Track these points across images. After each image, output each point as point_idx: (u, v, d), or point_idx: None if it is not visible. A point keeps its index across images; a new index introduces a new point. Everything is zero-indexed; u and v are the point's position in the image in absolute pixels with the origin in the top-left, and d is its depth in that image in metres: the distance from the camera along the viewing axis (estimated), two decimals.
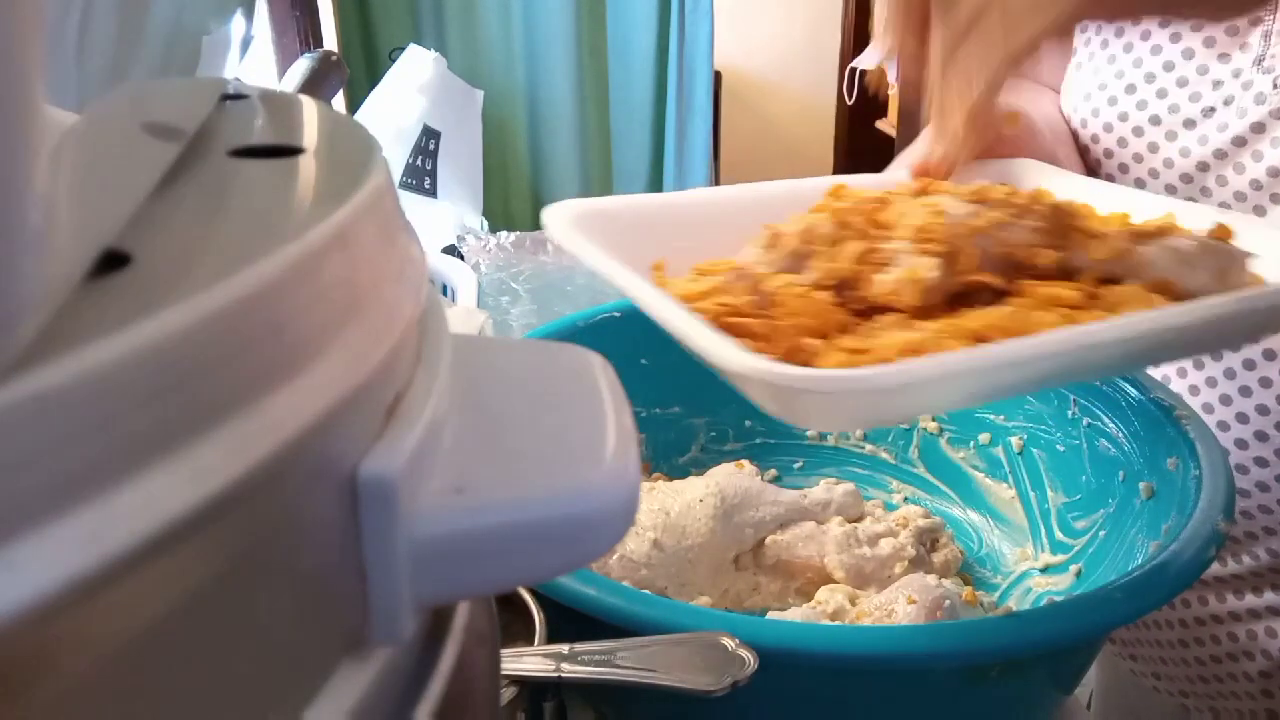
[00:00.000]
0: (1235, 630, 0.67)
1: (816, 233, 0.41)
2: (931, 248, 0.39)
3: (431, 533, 0.15)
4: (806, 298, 0.38)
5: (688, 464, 0.73)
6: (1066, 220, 0.42)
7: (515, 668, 0.39)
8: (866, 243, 0.40)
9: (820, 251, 0.40)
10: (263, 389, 0.12)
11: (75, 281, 0.12)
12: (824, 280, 0.39)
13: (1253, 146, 0.58)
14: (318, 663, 0.14)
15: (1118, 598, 0.42)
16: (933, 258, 0.38)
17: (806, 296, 0.38)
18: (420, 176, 1.41)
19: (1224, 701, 0.70)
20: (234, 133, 0.19)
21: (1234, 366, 0.62)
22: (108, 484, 0.10)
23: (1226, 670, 0.68)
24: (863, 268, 0.39)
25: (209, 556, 0.12)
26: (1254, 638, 0.67)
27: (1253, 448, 0.62)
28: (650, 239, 0.43)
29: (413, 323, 0.16)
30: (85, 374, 0.10)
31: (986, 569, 0.65)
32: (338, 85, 0.87)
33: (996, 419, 0.68)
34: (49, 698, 0.10)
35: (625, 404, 0.18)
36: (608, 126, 1.81)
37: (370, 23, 1.73)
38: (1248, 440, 0.62)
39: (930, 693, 0.46)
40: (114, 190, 0.15)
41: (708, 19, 1.73)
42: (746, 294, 0.38)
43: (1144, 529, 0.55)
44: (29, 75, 0.12)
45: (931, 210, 0.41)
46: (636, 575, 0.57)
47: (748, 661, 0.38)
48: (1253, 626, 0.67)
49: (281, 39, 1.53)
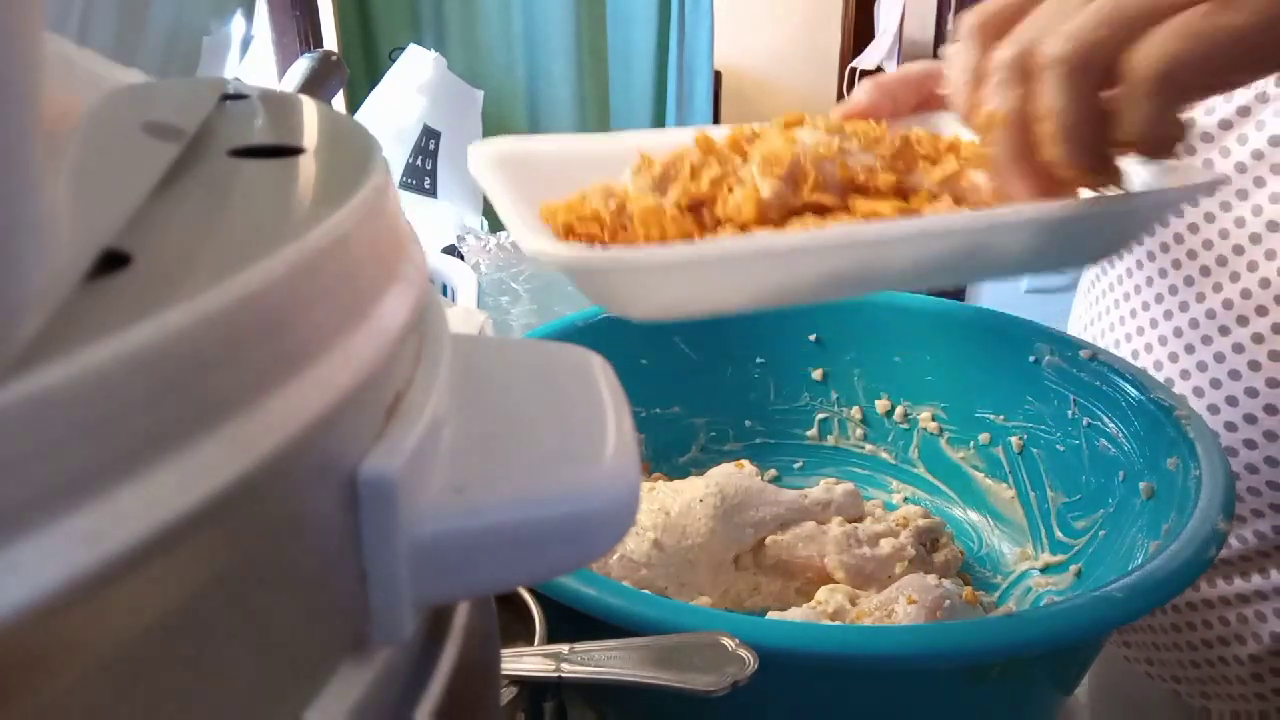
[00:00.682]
0: (1226, 615, 0.68)
1: (684, 160, 0.44)
2: (775, 169, 0.43)
3: (431, 533, 0.15)
4: (657, 211, 0.42)
5: (688, 464, 0.73)
6: (913, 150, 0.46)
7: (515, 668, 0.39)
8: (724, 169, 0.44)
9: (682, 176, 0.44)
10: (263, 389, 0.12)
11: (75, 281, 0.12)
12: (680, 200, 0.43)
13: (1256, 116, 0.58)
14: (318, 663, 0.14)
15: (1118, 598, 0.42)
16: (773, 179, 0.43)
17: (657, 210, 0.42)
18: (420, 176, 1.41)
19: (1215, 687, 0.70)
20: (234, 133, 0.19)
21: (1224, 351, 0.62)
22: (108, 484, 0.10)
23: (1218, 654, 0.69)
24: (718, 190, 0.43)
25: (209, 556, 0.12)
26: (1244, 621, 0.67)
27: (1241, 430, 0.62)
28: (561, 177, 0.46)
29: (413, 323, 0.16)
30: (85, 374, 0.10)
31: (986, 569, 0.65)
32: (338, 85, 0.87)
33: (996, 419, 0.68)
34: (49, 698, 0.10)
35: (625, 404, 0.18)
36: (608, 127, 1.81)
37: (370, 23, 1.73)
38: (1236, 423, 0.62)
39: (930, 693, 0.46)
40: (114, 190, 0.15)
41: (708, 19, 1.73)
42: (606, 209, 0.42)
43: (1144, 529, 0.55)
44: (29, 75, 0.12)
45: (787, 139, 0.45)
46: (636, 575, 0.57)
47: (748, 661, 0.38)
48: (1243, 610, 0.67)
49: (281, 39, 1.53)
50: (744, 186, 0.43)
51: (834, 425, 0.75)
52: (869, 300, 0.73)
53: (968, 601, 0.56)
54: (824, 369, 0.74)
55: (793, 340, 0.74)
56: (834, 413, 0.75)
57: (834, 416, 0.75)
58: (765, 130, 0.47)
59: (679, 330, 0.73)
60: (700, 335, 0.73)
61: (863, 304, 0.73)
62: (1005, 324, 0.67)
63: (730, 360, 0.74)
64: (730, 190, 0.43)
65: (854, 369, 0.73)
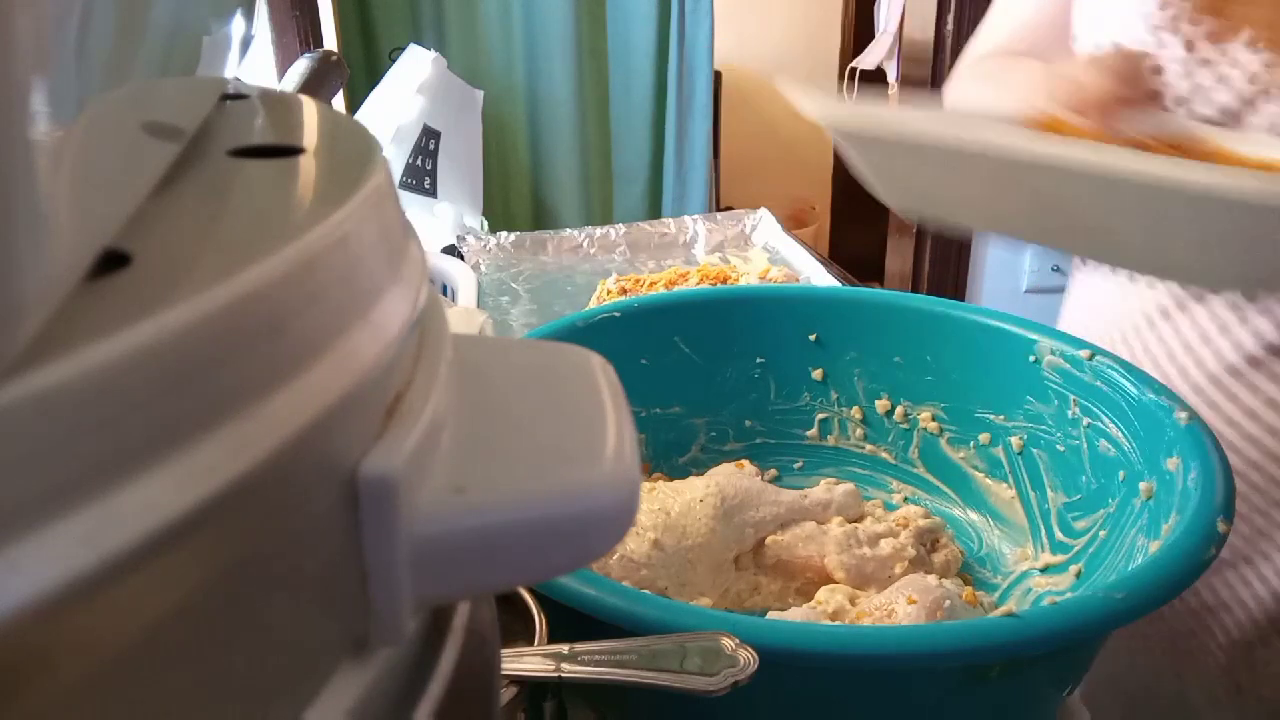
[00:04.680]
0: (1202, 593, 0.68)
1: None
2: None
3: (431, 532, 0.15)
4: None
5: (688, 464, 0.73)
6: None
7: (515, 668, 0.39)
8: None
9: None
10: (263, 389, 0.12)
11: (75, 281, 0.12)
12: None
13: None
14: (318, 663, 0.14)
15: (1118, 598, 0.42)
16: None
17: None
18: (420, 176, 1.41)
19: (1191, 668, 0.71)
20: (234, 133, 0.19)
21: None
22: (108, 484, 0.10)
23: (1198, 624, 0.69)
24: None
25: (209, 556, 0.12)
26: (1216, 592, 0.67)
27: (1223, 408, 0.62)
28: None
29: (413, 323, 0.16)
30: (85, 374, 0.10)
31: (986, 569, 0.65)
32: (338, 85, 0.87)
33: (997, 419, 0.68)
34: (49, 697, 0.10)
35: (625, 404, 0.18)
36: (608, 126, 1.80)
37: (370, 23, 1.73)
38: (1218, 402, 0.62)
39: (930, 693, 0.46)
40: (114, 190, 0.15)
41: (708, 19, 1.73)
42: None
43: (1144, 529, 0.55)
44: (29, 75, 0.11)
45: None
46: (637, 575, 0.57)
47: (748, 661, 0.38)
48: (1217, 586, 0.67)
49: (281, 39, 1.53)
50: None
51: (834, 425, 0.75)
52: (869, 300, 0.73)
53: (968, 601, 0.56)
54: (824, 369, 0.74)
55: (793, 340, 0.74)
56: (834, 413, 0.75)
57: (834, 416, 0.75)
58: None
59: (679, 330, 0.73)
60: (700, 335, 0.73)
61: (863, 304, 0.73)
62: (1005, 323, 0.67)
63: (730, 360, 0.74)
64: None
65: (854, 369, 0.73)
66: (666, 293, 0.84)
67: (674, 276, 0.99)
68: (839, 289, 0.94)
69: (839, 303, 0.74)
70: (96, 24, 1.05)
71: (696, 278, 0.99)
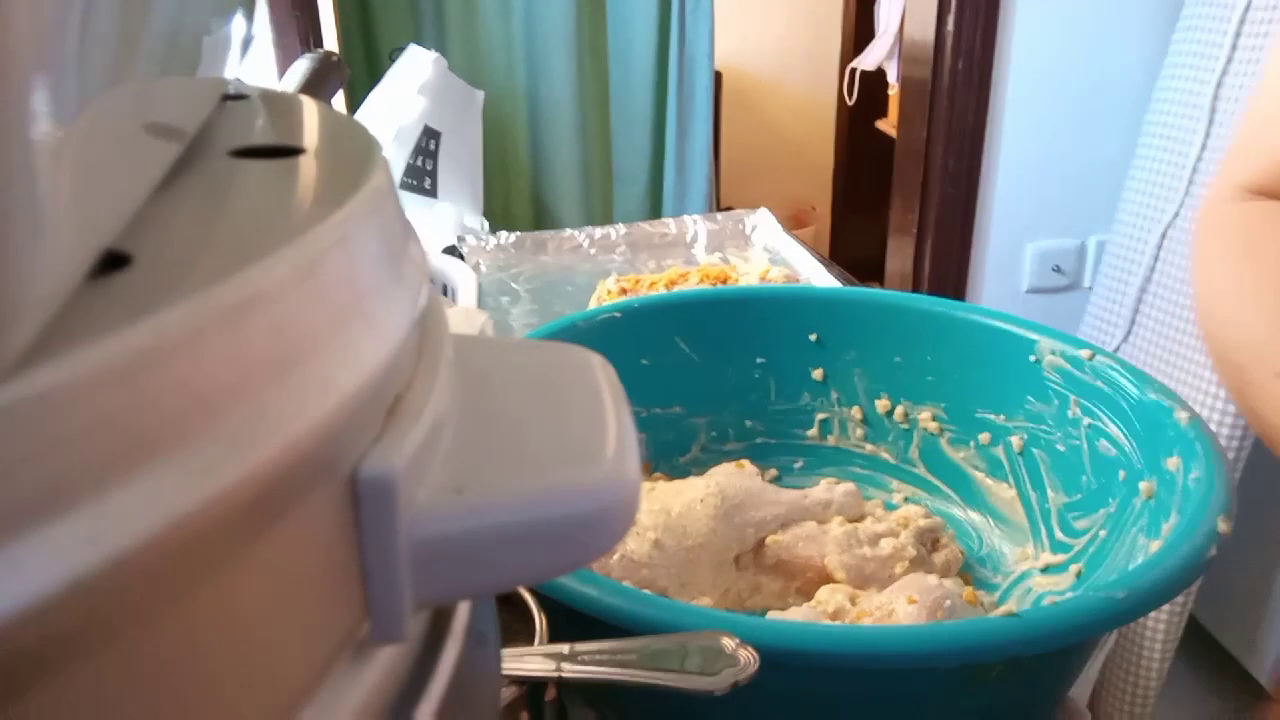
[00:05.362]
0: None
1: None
2: None
3: (431, 533, 0.15)
4: None
5: (688, 464, 0.73)
6: None
7: (515, 668, 0.39)
8: None
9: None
10: (263, 389, 0.12)
11: (76, 281, 0.12)
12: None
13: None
14: (318, 663, 0.14)
15: (1118, 597, 0.42)
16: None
17: None
18: (420, 176, 1.41)
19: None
20: (234, 133, 0.19)
21: None
22: (108, 484, 0.10)
23: None
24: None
25: (209, 555, 0.12)
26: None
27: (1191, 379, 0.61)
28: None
29: (413, 323, 0.16)
30: (85, 374, 0.10)
31: (987, 569, 0.65)
32: (338, 85, 0.87)
33: (997, 419, 0.68)
34: (49, 697, 0.10)
35: (625, 404, 0.18)
36: (608, 126, 1.80)
37: (370, 23, 1.73)
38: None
39: (931, 693, 0.46)
40: (114, 190, 0.15)
41: (708, 19, 1.73)
42: None
43: (1144, 529, 0.55)
44: (29, 75, 0.12)
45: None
46: (637, 575, 0.57)
47: (748, 661, 0.38)
48: None
49: (281, 39, 1.53)
50: None
51: (834, 425, 0.75)
52: (869, 300, 0.73)
53: (968, 601, 0.56)
54: (824, 369, 0.74)
55: (793, 340, 0.74)
56: (834, 413, 0.75)
57: (834, 416, 0.75)
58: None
59: (679, 330, 0.73)
60: (701, 335, 0.73)
61: (863, 304, 0.73)
62: (1006, 323, 0.67)
63: (730, 360, 0.74)
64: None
65: (854, 369, 0.73)
66: (667, 293, 0.84)
67: (674, 277, 1.00)
68: (839, 289, 0.94)
69: (839, 303, 0.74)
70: (97, 24, 1.05)
71: (696, 278, 0.99)
